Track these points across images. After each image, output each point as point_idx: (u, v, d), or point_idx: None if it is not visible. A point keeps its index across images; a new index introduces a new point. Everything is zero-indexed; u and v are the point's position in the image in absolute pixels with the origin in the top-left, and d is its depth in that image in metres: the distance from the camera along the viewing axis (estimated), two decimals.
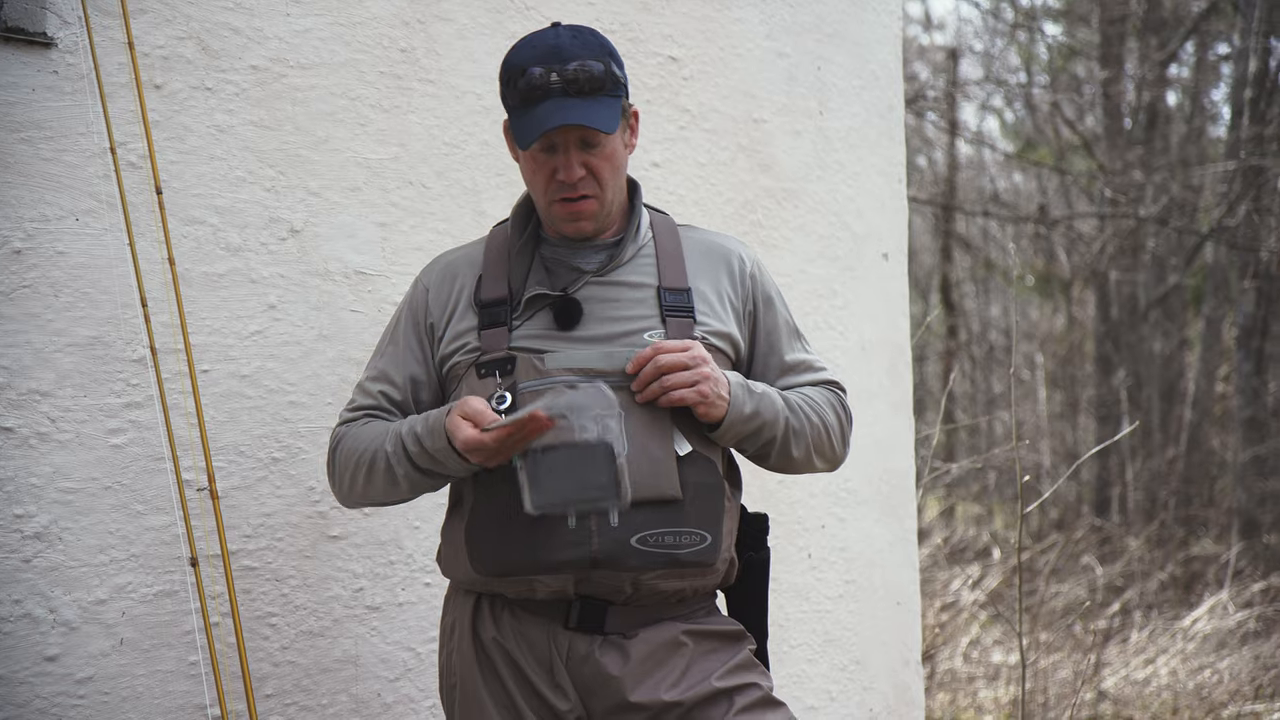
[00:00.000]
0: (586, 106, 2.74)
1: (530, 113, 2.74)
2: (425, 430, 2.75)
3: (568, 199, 2.81)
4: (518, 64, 2.76)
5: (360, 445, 2.87)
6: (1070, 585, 11.21)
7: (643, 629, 2.79)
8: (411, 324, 2.96)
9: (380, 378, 2.95)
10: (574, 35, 2.78)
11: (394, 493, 2.88)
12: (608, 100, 2.77)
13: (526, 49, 2.77)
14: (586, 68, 2.74)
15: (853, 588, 4.86)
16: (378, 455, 2.82)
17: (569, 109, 2.72)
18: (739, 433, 2.82)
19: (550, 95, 2.72)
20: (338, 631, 3.63)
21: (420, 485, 2.85)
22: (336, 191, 3.66)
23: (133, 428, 3.30)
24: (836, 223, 4.84)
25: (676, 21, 4.39)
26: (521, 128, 2.75)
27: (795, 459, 2.94)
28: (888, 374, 5.06)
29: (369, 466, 2.84)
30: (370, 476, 2.85)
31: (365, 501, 2.96)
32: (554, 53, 2.74)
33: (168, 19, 3.39)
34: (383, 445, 2.82)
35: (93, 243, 3.25)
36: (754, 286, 3.01)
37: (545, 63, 2.73)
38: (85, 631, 3.23)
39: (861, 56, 4.98)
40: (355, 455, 2.87)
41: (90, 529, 3.24)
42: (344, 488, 2.94)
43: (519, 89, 2.75)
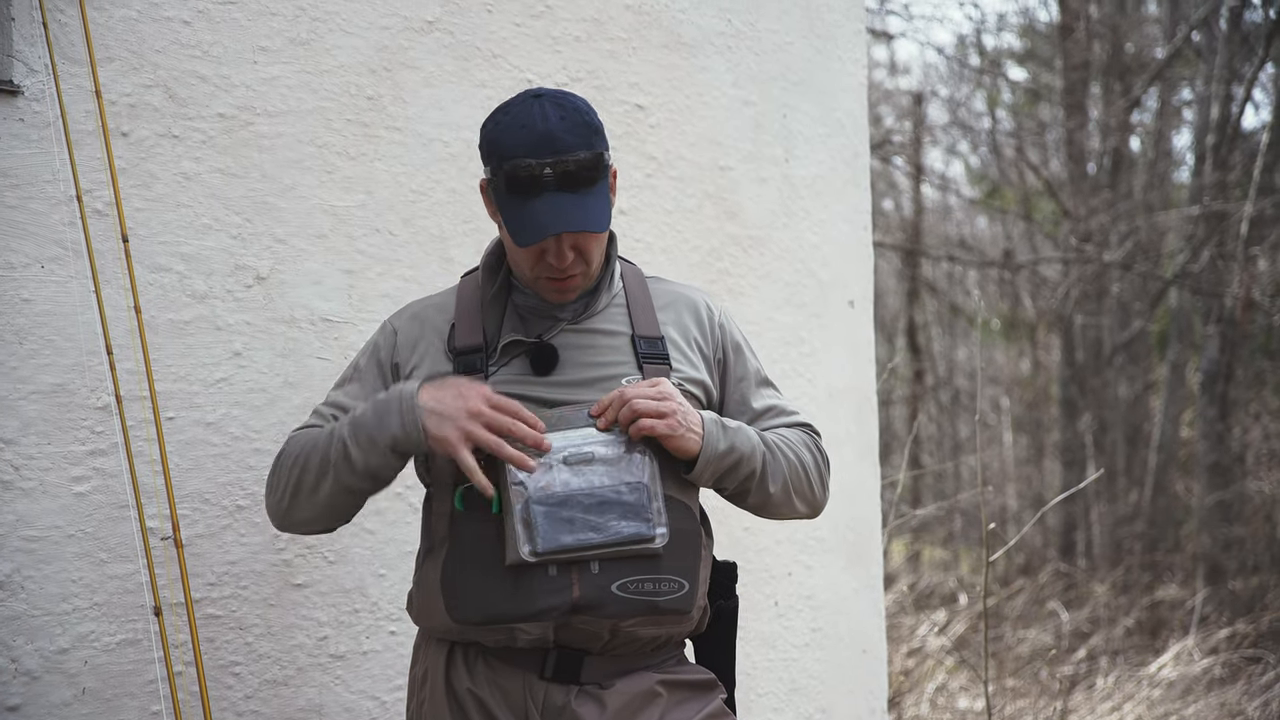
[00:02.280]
0: (583, 205, 2.69)
1: (524, 207, 2.69)
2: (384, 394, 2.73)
3: (555, 278, 2.80)
4: (507, 150, 2.70)
5: (299, 443, 2.81)
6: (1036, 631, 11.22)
7: (618, 679, 2.79)
8: (375, 363, 2.93)
9: (335, 404, 2.91)
10: (561, 117, 2.71)
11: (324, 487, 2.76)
12: (600, 188, 2.74)
13: (515, 132, 2.71)
14: (580, 160, 2.69)
15: (819, 635, 4.86)
16: (316, 444, 2.76)
17: (566, 209, 2.67)
18: (716, 469, 2.80)
19: (544, 189, 2.67)
20: (302, 680, 3.61)
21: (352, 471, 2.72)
22: (303, 238, 3.66)
23: (97, 475, 3.28)
24: (803, 270, 4.85)
25: (643, 70, 4.41)
26: (518, 224, 2.69)
27: (774, 496, 2.91)
28: (854, 421, 5.07)
29: (306, 458, 2.77)
30: (306, 470, 2.76)
31: (300, 511, 2.82)
32: (546, 142, 2.67)
33: (135, 67, 3.39)
34: (321, 433, 2.78)
35: (58, 290, 3.23)
36: (723, 335, 3.02)
37: (538, 154, 2.67)
38: (47, 681, 3.21)
39: (827, 104, 5.00)
40: (292, 455, 2.80)
41: (53, 577, 3.22)
42: (274, 499, 2.84)
43: (507, 175, 2.69)
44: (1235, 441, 14.08)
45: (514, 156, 2.68)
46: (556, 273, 2.78)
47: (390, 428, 2.67)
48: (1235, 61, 13.62)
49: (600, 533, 2.65)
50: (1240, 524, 13.39)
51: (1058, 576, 13.49)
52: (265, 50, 3.62)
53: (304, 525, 2.88)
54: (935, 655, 10.07)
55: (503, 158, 2.70)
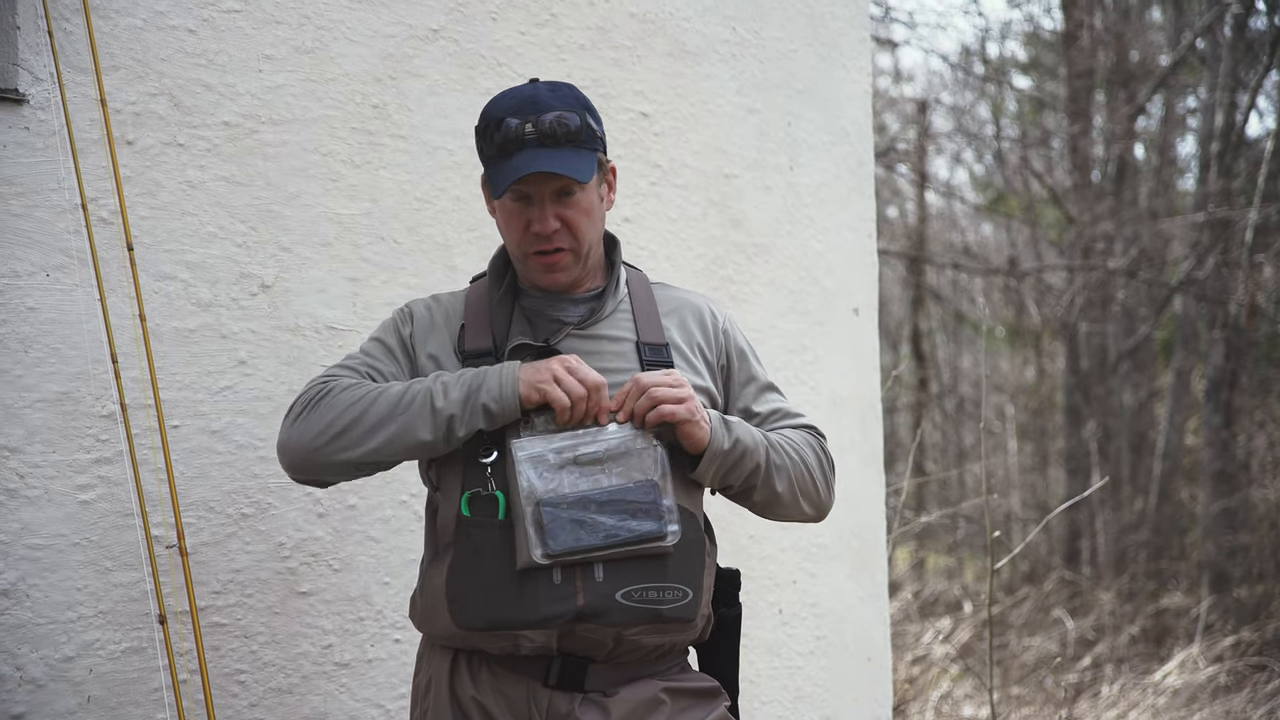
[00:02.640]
0: (561, 156, 2.75)
1: (506, 163, 2.76)
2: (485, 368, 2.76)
3: (543, 251, 2.82)
4: (494, 115, 2.78)
5: (368, 389, 2.76)
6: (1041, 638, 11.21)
7: (622, 687, 2.79)
8: (395, 333, 2.93)
9: (366, 361, 2.88)
10: (551, 89, 2.81)
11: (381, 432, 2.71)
12: (584, 152, 2.78)
13: (504, 100, 2.80)
14: (563, 119, 2.75)
15: (823, 643, 4.86)
16: (387, 391, 2.74)
17: (543, 158, 2.74)
18: (722, 463, 2.81)
19: (525, 146, 2.74)
20: (306, 689, 3.61)
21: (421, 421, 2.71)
22: (307, 247, 3.66)
23: (102, 484, 3.29)
24: (807, 278, 4.85)
25: (648, 78, 4.41)
26: (496, 176, 2.77)
27: (780, 494, 2.91)
28: (859, 428, 5.07)
29: (373, 400, 2.72)
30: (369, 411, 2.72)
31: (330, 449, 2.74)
32: (530, 103, 2.76)
33: (140, 75, 3.39)
34: (409, 383, 2.75)
35: (63, 298, 3.24)
36: (727, 341, 3.03)
37: (521, 114, 2.75)
38: (52, 689, 3.21)
39: (832, 113, 5.00)
40: (362, 395, 2.74)
41: (58, 585, 3.22)
42: (312, 430, 2.75)
43: (495, 140, 2.77)
44: (1240, 449, 14.07)
45: (499, 118, 2.77)
46: (543, 244, 2.81)
47: (490, 387, 2.70)
48: (1240, 69, 13.62)
49: (612, 532, 2.66)
50: (1245, 531, 13.37)
51: (1063, 584, 13.47)
52: (270, 58, 3.62)
53: (327, 469, 2.79)
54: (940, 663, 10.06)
55: (489, 122, 2.79)
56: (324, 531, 3.65)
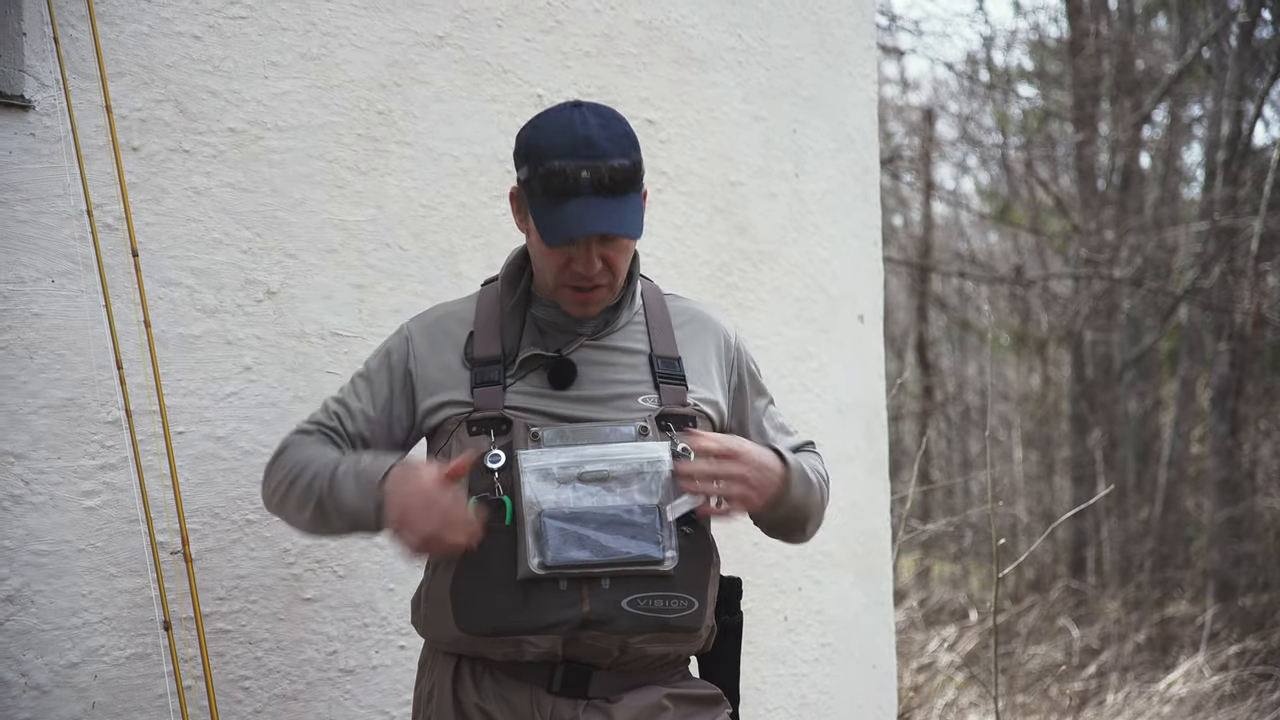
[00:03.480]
0: (617, 210, 2.68)
1: (558, 208, 2.67)
2: (371, 459, 2.76)
3: (579, 288, 2.79)
4: (545, 152, 2.69)
5: (300, 456, 2.84)
6: (1047, 647, 11.20)
7: (626, 693, 2.78)
8: (386, 367, 2.93)
9: (341, 403, 2.94)
10: (602, 125, 2.71)
11: (305, 514, 2.82)
12: (634, 198, 2.73)
13: (555, 135, 2.70)
14: (616, 167, 2.67)
15: (829, 651, 4.85)
16: (309, 467, 2.80)
17: (600, 212, 2.66)
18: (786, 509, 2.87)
19: (579, 193, 2.66)
20: (311, 695, 3.61)
21: (325, 519, 2.80)
22: (313, 253, 3.66)
23: (107, 490, 3.29)
24: (812, 285, 4.85)
25: (653, 85, 4.41)
26: (549, 224, 2.68)
27: (801, 525, 2.98)
28: (864, 436, 5.06)
29: (296, 478, 2.81)
30: (292, 489, 2.81)
31: (283, 514, 2.92)
32: (585, 146, 2.66)
33: (145, 82, 3.39)
34: (321, 460, 2.80)
35: (68, 304, 3.24)
36: (738, 359, 3.03)
37: (576, 157, 2.65)
38: (57, 695, 3.21)
39: (837, 120, 5.00)
40: (291, 465, 2.83)
41: (63, 592, 3.22)
42: (267, 493, 2.92)
43: (543, 178, 2.68)
44: (1245, 458, 14.07)
45: (551, 157, 2.67)
46: (582, 281, 2.76)
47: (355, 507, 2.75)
48: (1246, 77, 13.62)
49: (609, 551, 2.66)
50: (1251, 540, 13.37)
51: (1068, 593, 13.47)
52: (276, 65, 3.62)
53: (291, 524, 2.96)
54: (945, 671, 10.06)
55: (540, 159, 2.69)
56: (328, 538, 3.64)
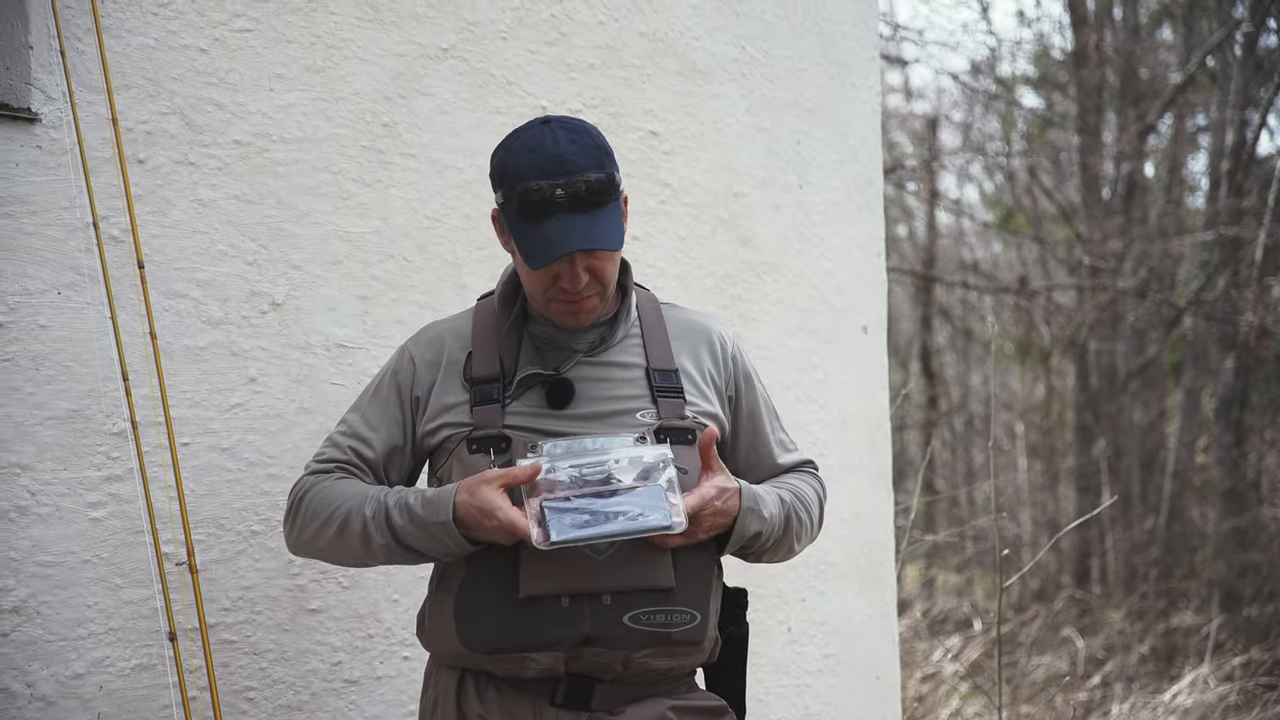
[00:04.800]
0: (595, 224, 2.70)
1: (537, 229, 2.69)
2: (422, 503, 2.71)
3: (568, 301, 2.80)
4: (517, 173, 2.71)
5: (333, 501, 2.81)
6: (1051, 657, 11.19)
7: (629, 706, 2.79)
8: (395, 390, 2.94)
9: (353, 434, 2.93)
10: (572, 139, 2.73)
11: (362, 558, 2.84)
12: (612, 209, 2.74)
13: (525, 156, 2.72)
14: (591, 181, 2.69)
15: (832, 661, 4.86)
16: (353, 517, 2.77)
17: (579, 229, 2.68)
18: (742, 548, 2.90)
19: (555, 211, 2.67)
20: (316, 705, 3.61)
21: (394, 558, 2.80)
22: (318, 265, 3.67)
23: (112, 501, 3.30)
24: (816, 296, 4.86)
25: (657, 96, 4.42)
26: (531, 247, 2.70)
27: (786, 556, 3.03)
28: (867, 447, 5.07)
29: (340, 525, 2.79)
30: (341, 536, 2.80)
31: (321, 556, 2.93)
32: (556, 164, 2.68)
33: (151, 94, 3.41)
34: (361, 509, 2.77)
35: (74, 316, 3.25)
36: (735, 368, 3.03)
37: (549, 176, 2.67)
38: (63, 706, 3.22)
39: (841, 131, 5.01)
40: (326, 510, 2.81)
41: (69, 602, 3.23)
42: (303, 537, 2.90)
43: (519, 199, 2.69)
44: (1250, 468, 14.05)
45: (525, 179, 2.69)
46: (571, 295, 2.78)
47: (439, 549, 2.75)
48: (1250, 87, 13.62)
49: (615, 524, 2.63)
50: (1256, 550, 13.34)
51: (1072, 603, 13.45)
52: (281, 77, 3.63)
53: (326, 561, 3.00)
54: (950, 681, 10.05)
55: (514, 181, 2.71)
56: None
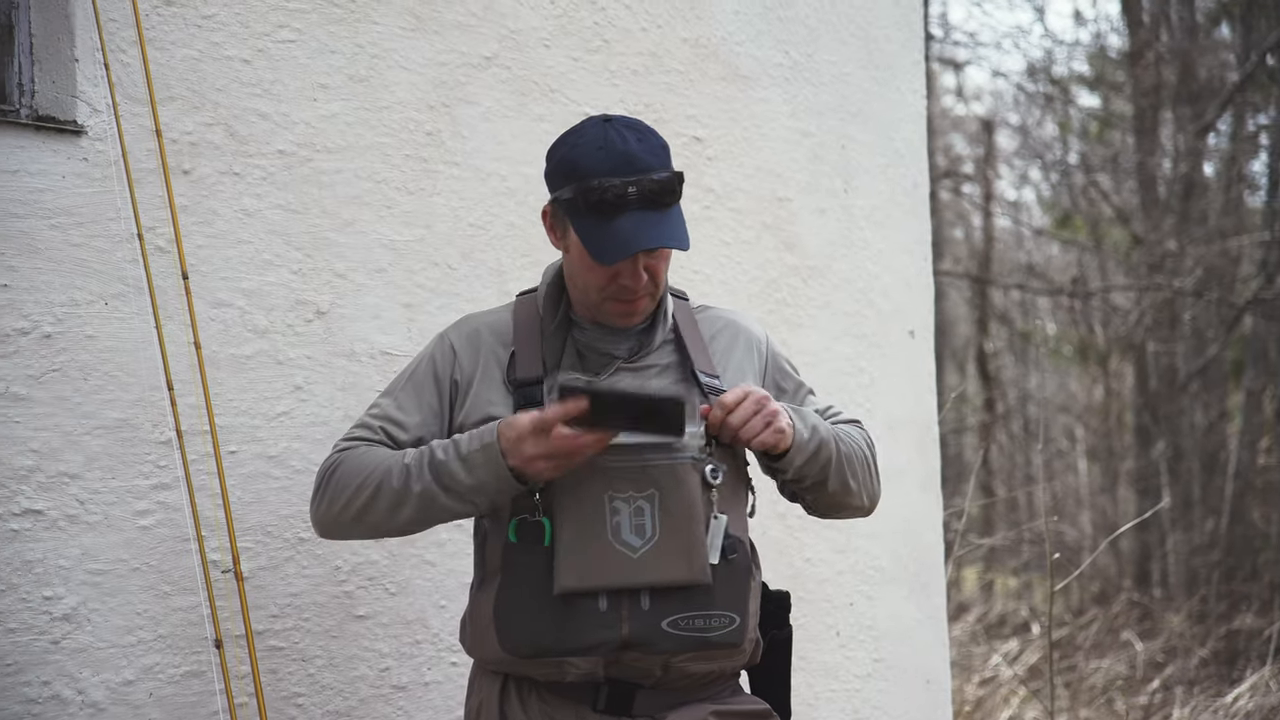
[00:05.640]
0: (667, 222, 2.72)
1: (606, 226, 2.69)
2: (466, 437, 2.72)
3: (623, 300, 2.82)
4: (587, 170, 2.71)
5: (369, 464, 2.79)
6: (1111, 660, 11.12)
7: (671, 711, 2.79)
8: (433, 377, 2.93)
9: (385, 417, 2.91)
10: (638, 139, 2.74)
11: (393, 516, 2.79)
12: (678, 209, 2.76)
13: (594, 153, 2.72)
14: (662, 180, 2.71)
15: (882, 666, 4.85)
16: (392, 471, 2.75)
17: (652, 226, 2.70)
18: (805, 454, 2.82)
19: (627, 208, 2.68)
20: (364, 711, 3.63)
21: (431, 507, 2.76)
22: (362, 273, 3.70)
23: (161, 509, 3.33)
24: (862, 300, 4.86)
25: (701, 102, 4.43)
26: (599, 243, 2.70)
27: (849, 485, 2.93)
28: (916, 451, 5.06)
29: (377, 483, 2.76)
30: (376, 494, 2.76)
31: (349, 528, 2.87)
32: (627, 162, 2.69)
33: (196, 106, 3.44)
34: (401, 460, 2.76)
35: (121, 326, 3.28)
36: (771, 360, 3.04)
37: (620, 173, 2.68)
38: (113, 713, 3.24)
39: (886, 135, 5.01)
40: (361, 473, 2.79)
41: (118, 610, 3.26)
42: (333, 509, 2.84)
43: (588, 195, 2.69)
44: None
45: (595, 175, 2.69)
46: (628, 294, 2.79)
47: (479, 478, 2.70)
48: None
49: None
50: None
51: (1132, 606, 13.36)
52: (325, 87, 3.66)
53: (360, 537, 2.96)
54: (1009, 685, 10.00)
55: (583, 178, 2.71)
56: (380, 555, 3.67)
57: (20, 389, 3.14)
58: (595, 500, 2.71)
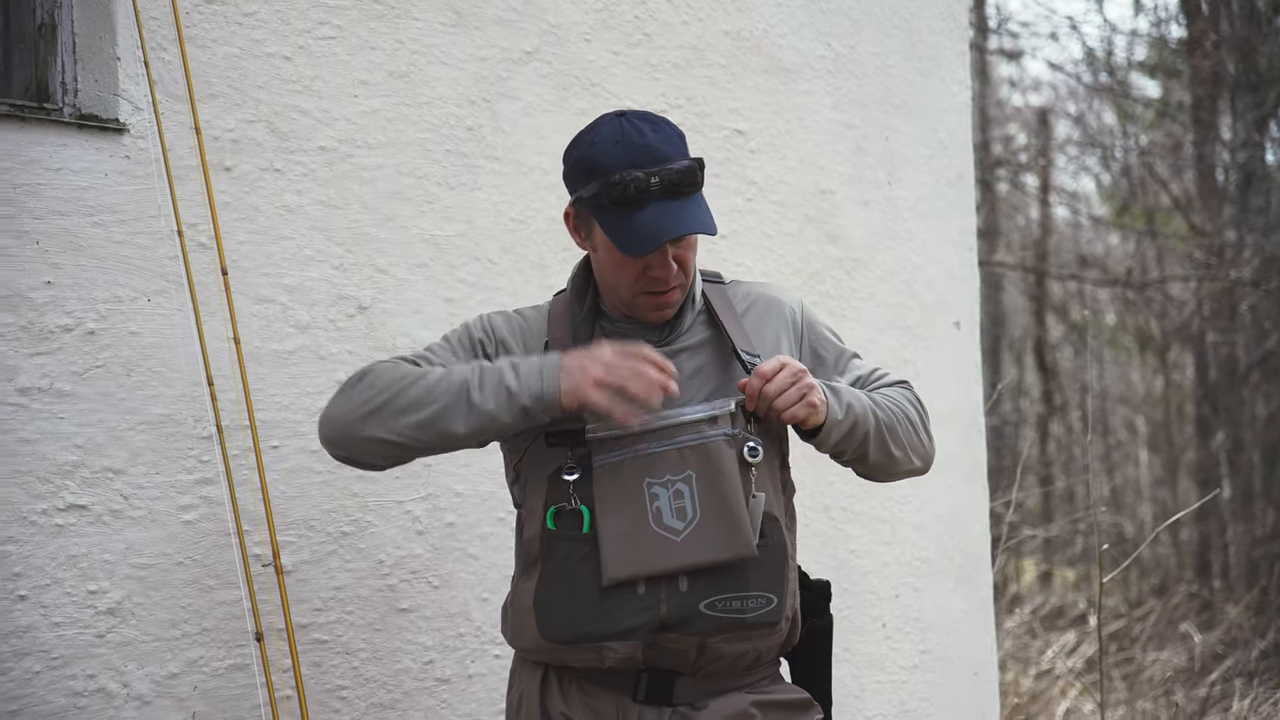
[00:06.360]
0: (690, 210, 2.73)
1: (631, 220, 2.71)
2: (527, 354, 2.77)
3: (657, 292, 2.82)
4: (608, 165, 2.72)
5: (403, 369, 2.76)
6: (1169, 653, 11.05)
7: (711, 700, 2.79)
8: (468, 339, 2.92)
9: (419, 357, 2.87)
10: (654, 130, 2.75)
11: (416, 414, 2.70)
12: (700, 196, 2.77)
13: (612, 149, 2.73)
14: (683, 169, 2.72)
15: (928, 658, 4.84)
16: (432, 371, 2.73)
17: (677, 215, 2.71)
18: (840, 431, 2.81)
19: (650, 199, 2.69)
20: (408, 704, 3.65)
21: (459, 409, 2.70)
22: (404, 268, 3.71)
23: (204, 504, 3.35)
24: (906, 292, 4.85)
25: (743, 95, 4.43)
26: (626, 237, 2.71)
27: (894, 454, 2.92)
28: (961, 443, 5.04)
29: (414, 380, 2.72)
30: (409, 388, 2.70)
31: (362, 426, 2.75)
32: (647, 154, 2.71)
33: (237, 103, 3.46)
34: (438, 370, 2.74)
35: (164, 323, 3.31)
36: (806, 328, 3.03)
37: (641, 165, 2.69)
38: (158, 706, 3.27)
39: (930, 126, 4.99)
40: (398, 374, 2.74)
41: (162, 604, 3.29)
42: (350, 404, 2.76)
43: (611, 191, 2.70)
44: None
45: (616, 170, 2.70)
46: (660, 286, 2.80)
47: (530, 386, 2.67)
48: None
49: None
50: None
51: (1191, 598, 13.27)
52: (365, 84, 3.68)
53: (361, 445, 2.78)
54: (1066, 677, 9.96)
55: (605, 174, 2.71)
56: (423, 549, 3.69)
57: (64, 385, 3.17)
58: (633, 488, 2.72)
